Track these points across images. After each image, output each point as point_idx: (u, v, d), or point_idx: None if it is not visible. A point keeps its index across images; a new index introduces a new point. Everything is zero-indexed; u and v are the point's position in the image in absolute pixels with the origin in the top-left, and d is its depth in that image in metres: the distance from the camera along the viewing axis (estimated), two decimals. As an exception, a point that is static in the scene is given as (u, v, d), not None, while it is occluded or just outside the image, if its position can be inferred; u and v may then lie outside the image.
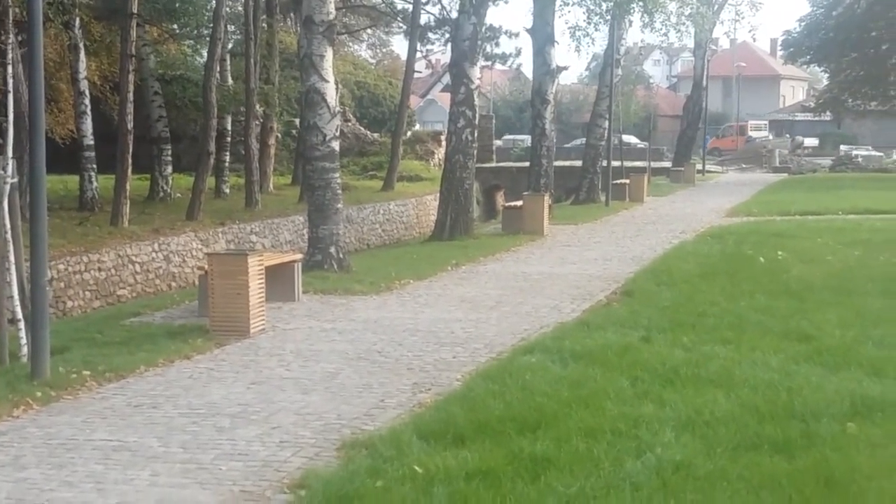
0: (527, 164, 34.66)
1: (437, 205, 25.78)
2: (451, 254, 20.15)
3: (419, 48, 45.96)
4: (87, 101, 28.83)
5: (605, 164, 35.62)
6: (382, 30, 62.86)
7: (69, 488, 6.80)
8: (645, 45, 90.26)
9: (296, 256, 15.48)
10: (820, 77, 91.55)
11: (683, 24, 34.77)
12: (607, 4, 30.99)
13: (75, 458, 7.43)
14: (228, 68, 35.63)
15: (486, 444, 7.21)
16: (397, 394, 9.20)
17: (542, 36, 30.30)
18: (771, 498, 6.19)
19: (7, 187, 10.60)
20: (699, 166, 53.47)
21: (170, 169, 32.64)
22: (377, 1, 50.29)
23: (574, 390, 8.62)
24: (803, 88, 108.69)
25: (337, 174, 18.18)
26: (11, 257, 10.76)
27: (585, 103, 74.09)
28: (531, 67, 32.01)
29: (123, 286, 22.14)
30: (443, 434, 7.51)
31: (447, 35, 39.91)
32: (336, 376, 9.95)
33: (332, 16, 18.04)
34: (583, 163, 37.20)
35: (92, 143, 28.52)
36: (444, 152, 26.95)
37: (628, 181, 37.22)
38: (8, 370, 10.19)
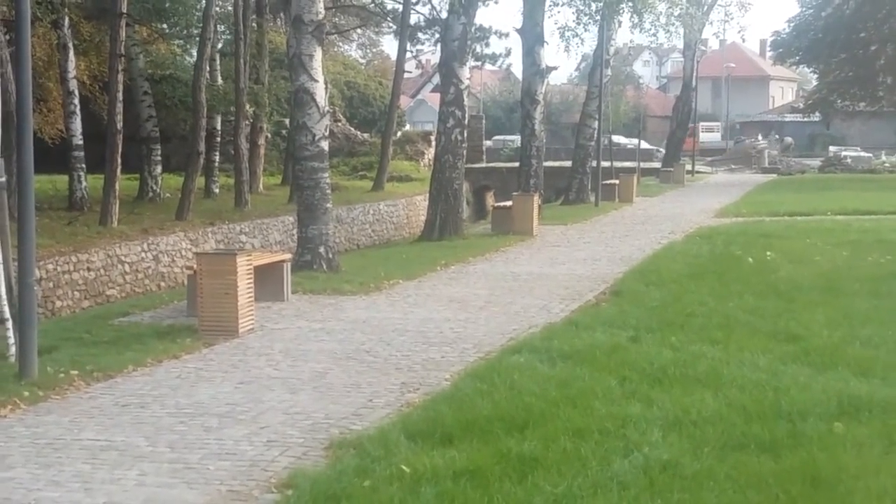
0: (517, 165, 34.67)
1: (427, 205, 25.78)
2: (441, 254, 20.17)
3: (409, 48, 46.04)
4: (77, 101, 28.79)
5: (595, 165, 35.67)
6: (372, 30, 62.91)
7: (56, 488, 6.79)
8: (634, 46, 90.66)
9: (285, 256, 15.48)
10: (809, 78, 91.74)
11: (673, 25, 34.90)
12: (597, 5, 31.09)
13: (62, 458, 7.42)
14: (218, 68, 35.65)
15: (474, 444, 7.22)
16: (385, 393, 9.20)
17: (532, 36, 30.32)
18: (758, 497, 6.20)
19: (-5, 187, 10.57)
20: (689, 167, 53.55)
21: (159, 169, 32.60)
22: (367, 1, 50.29)
23: (562, 390, 8.63)
24: (792, 89, 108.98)
25: (326, 174, 18.18)
26: (-1, 256, 10.75)
27: (575, 104, 74.18)
28: (521, 68, 32.12)
29: (112, 286, 22.11)
30: (431, 434, 7.51)
31: (437, 35, 40.03)
32: (324, 376, 9.95)
33: (322, 15, 18.03)
34: (572, 163, 37.24)
35: (81, 143, 28.49)
36: (434, 152, 26.96)
37: (618, 182, 37.27)
38: (-5, 370, 10.17)
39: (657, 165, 54.95)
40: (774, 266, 16.95)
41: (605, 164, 39.00)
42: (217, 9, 33.25)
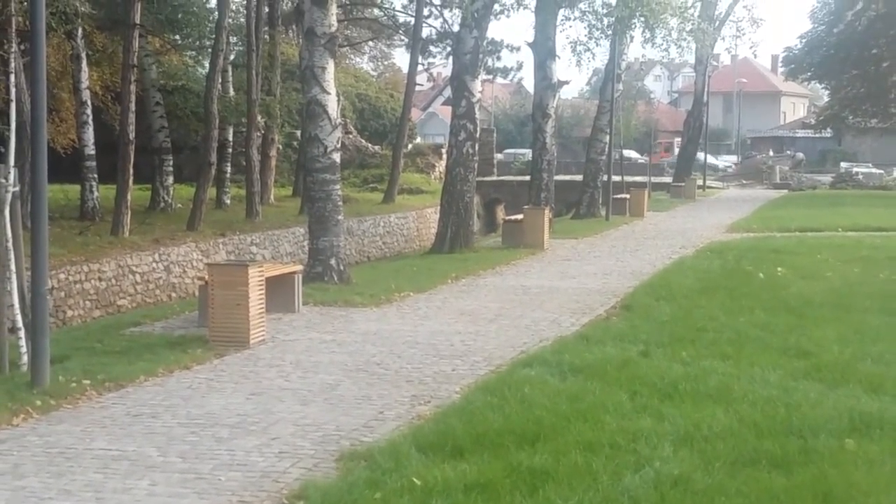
0: (527, 178, 34.69)
1: (438, 217, 25.80)
2: (451, 267, 20.17)
3: (421, 61, 46.11)
4: (89, 111, 28.90)
5: (606, 179, 35.66)
6: (384, 42, 63.05)
7: (68, 497, 6.82)
8: (646, 61, 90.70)
9: (296, 268, 15.50)
10: (821, 94, 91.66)
11: (684, 40, 34.75)
12: (608, 20, 31.02)
13: (74, 467, 7.44)
14: (230, 79, 35.74)
15: (485, 457, 7.22)
16: (396, 406, 9.21)
17: (544, 50, 30.37)
18: (769, 513, 6.21)
19: (8, 196, 10.61)
20: (700, 181, 53.51)
21: (171, 179, 32.71)
22: (379, 14, 50.42)
23: (573, 404, 8.63)
24: (804, 105, 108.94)
25: (338, 186, 18.21)
26: (12, 266, 10.78)
27: (586, 118, 74.20)
28: (532, 81, 32.20)
29: (123, 296, 22.16)
30: (441, 446, 7.52)
31: (448, 48, 40.13)
32: (335, 388, 9.97)
33: (334, 28, 18.09)
34: (583, 177, 37.25)
35: (93, 153, 28.60)
36: (445, 165, 26.98)
37: (629, 196, 37.25)
38: (8, 379, 10.20)
39: (668, 180, 54.89)
40: (785, 282, 16.93)
41: (616, 179, 38.99)
42: (229, 20, 33.32)
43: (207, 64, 33.16)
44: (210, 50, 31.70)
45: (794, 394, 8.96)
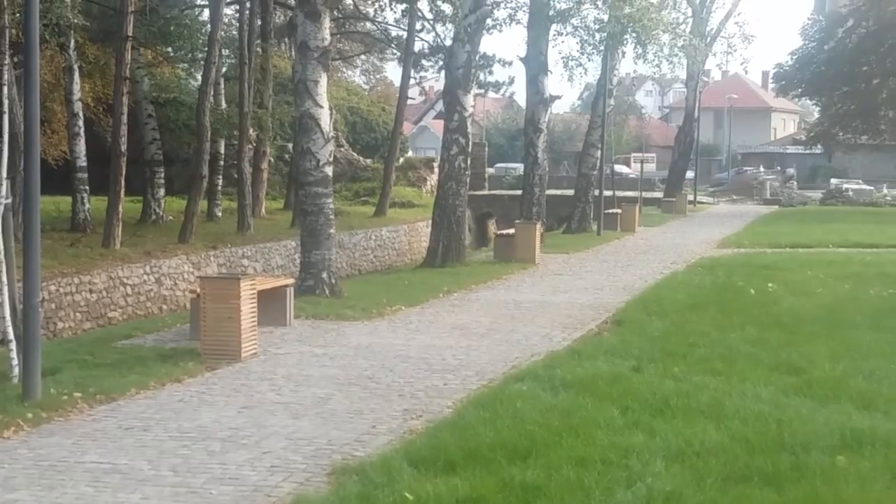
0: (519, 193, 34.71)
1: (430, 231, 25.80)
2: (443, 281, 20.18)
3: (413, 75, 46.08)
4: (81, 123, 28.83)
5: (597, 194, 35.73)
6: (376, 56, 63.06)
7: (59, 510, 6.81)
8: (637, 76, 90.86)
9: (288, 281, 15.49)
10: (811, 110, 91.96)
11: (676, 56, 34.95)
12: (600, 35, 31.17)
13: (65, 480, 7.43)
14: (222, 92, 35.74)
15: (477, 472, 7.22)
16: (388, 420, 9.21)
17: (536, 65, 30.45)
18: (761, 529, 6.21)
19: (0, 208, 10.60)
20: (690, 197, 53.62)
21: (162, 191, 32.66)
22: (372, 28, 50.48)
23: (565, 419, 8.64)
24: (794, 121, 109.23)
25: (330, 199, 18.22)
26: (3, 277, 10.77)
27: (578, 133, 74.28)
28: (524, 96, 32.23)
29: (114, 308, 22.12)
30: (433, 461, 7.52)
31: (441, 62, 40.11)
32: (327, 402, 9.96)
33: (327, 42, 18.12)
34: (575, 192, 37.30)
35: (85, 165, 28.54)
36: (437, 179, 27.01)
37: (620, 211, 37.31)
38: (-2, 391, 10.17)
39: (659, 195, 54.99)
40: (776, 298, 16.97)
41: (608, 194, 39.05)
42: (222, 33, 33.32)
43: (200, 76, 33.19)
44: (202, 62, 31.72)
45: (786, 410, 8.99)
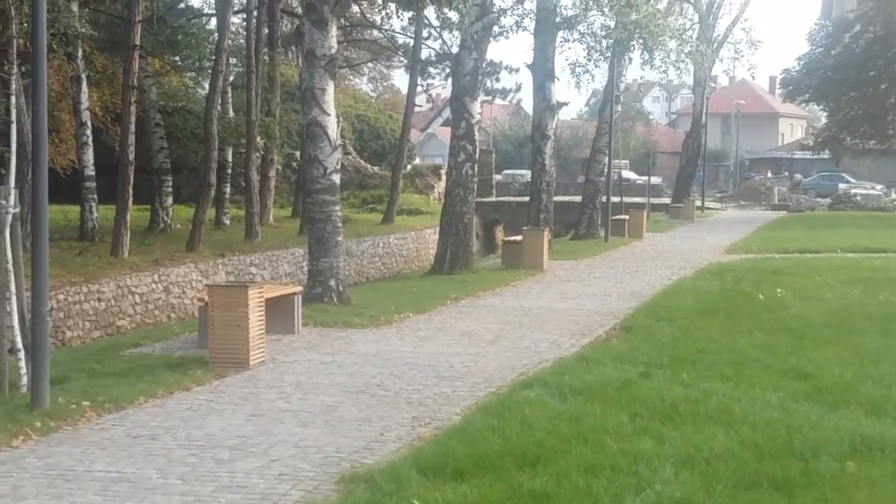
0: (527, 199, 34.72)
1: (437, 238, 25.80)
2: (451, 288, 20.16)
3: (420, 82, 46.19)
4: (89, 132, 28.91)
5: (605, 200, 35.70)
6: (383, 64, 63.07)
7: (68, 519, 6.80)
8: (644, 82, 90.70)
9: (296, 289, 15.49)
10: (819, 115, 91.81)
11: (683, 62, 34.96)
12: (607, 42, 31.16)
13: (74, 489, 7.42)
14: (230, 100, 35.83)
15: (486, 479, 7.21)
16: (396, 427, 9.19)
17: (543, 72, 30.45)
18: (770, 536, 6.19)
19: (9, 217, 10.62)
20: (699, 203, 53.55)
21: (170, 200, 32.75)
22: (378, 35, 50.54)
23: (573, 426, 8.62)
24: (802, 126, 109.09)
25: (337, 207, 18.23)
26: (12, 287, 10.77)
27: (585, 139, 74.29)
28: (531, 103, 32.19)
29: (123, 317, 22.16)
30: (442, 468, 7.50)
31: (448, 70, 40.15)
32: (335, 409, 9.95)
33: (334, 50, 18.14)
34: (582, 198, 37.30)
35: (93, 174, 28.61)
36: (445, 186, 27.02)
37: (628, 217, 37.27)
38: (7, 400, 10.17)
39: (667, 201, 54.94)
40: (785, 303, 16.92)
41: (615, 200, 39.01)
42: (229, 42, 33.40)
43: (207, 85, 33.24)
44: (210, 71, 31.79)
45: (795, 416, 8.95)
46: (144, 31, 29.44)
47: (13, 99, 15.03)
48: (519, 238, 25.94)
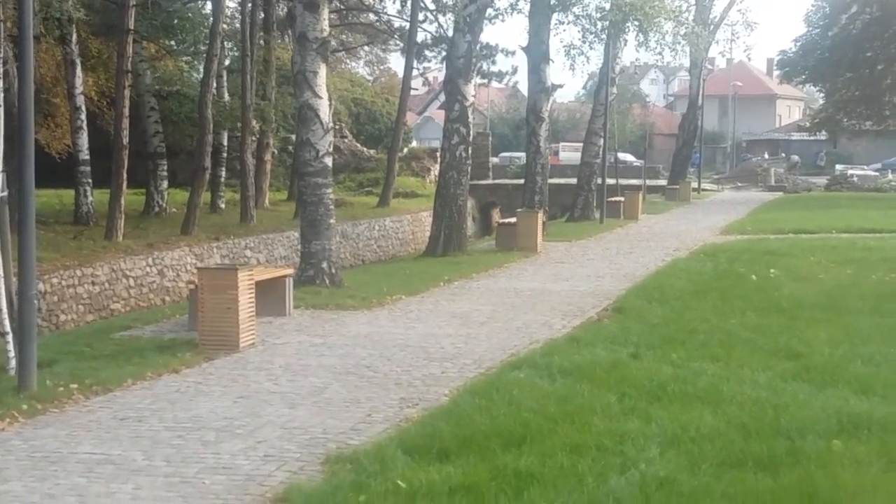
0: (522, 181, 34.68)
1: (431, 221, 25.77)
2: (444, 270, 20.15)
3: (416, 66, 46.14)
4: (84, 116, 28.86)
5: (600, 182, 35.66)
6: (379, 47, 62.99)
7: (51, 501, 6.80)
8: (641, 64, 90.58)
9: (287, 271, 15.47)
10: (816, 97, 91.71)
11: (679, 44, 34.83)
12: (602, 24, 31.07)
13: (58, 471, 7.41)
14: (225, 84, 35.72)
15: (471, 459, 7.20)
16: (384, 408, 9.18)
17: (538, 54, 30.40)
18: (754, 514, 6.18)
19: (-4, 201, 10.59)
20: (695, 184, 53.50)
21: (165, 184, 32.74)
22: (374, 19, 50.46)
23: (561, 406, 8.61)
24: (799, 108, 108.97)
25: (330, 189, 18.17)
26: (0, 270, 10.75)
27: (582, 122, 74.08)
28: (527, 85, 32.12)
29: (117, 300, 22.15)
30: (428, 449, 7.50)
31: (443, 53, 40.07)
32: (324, 391, 9.94)
33: (326, 33, 18.05)
34: (577, 180, 37.23)
35: (88, 158, 28.56)
36: (439, 169, 26.96)
37: (623, 199, 37.22)
38: (-6, 383, 10.17)
39: (663, 183, 54.87)
40: (778, 284, 16.92)
41: (611, 182, 38.95)
42: (224, 26, 33.35)
43: (202, 69, 33.18)
44: (205, 55, 31.72)
45: (783, 395, 8.96)
46: (139, 16, 29.35)
47: (2, 82, 14.95)
48: (513, 220, 25.91)
